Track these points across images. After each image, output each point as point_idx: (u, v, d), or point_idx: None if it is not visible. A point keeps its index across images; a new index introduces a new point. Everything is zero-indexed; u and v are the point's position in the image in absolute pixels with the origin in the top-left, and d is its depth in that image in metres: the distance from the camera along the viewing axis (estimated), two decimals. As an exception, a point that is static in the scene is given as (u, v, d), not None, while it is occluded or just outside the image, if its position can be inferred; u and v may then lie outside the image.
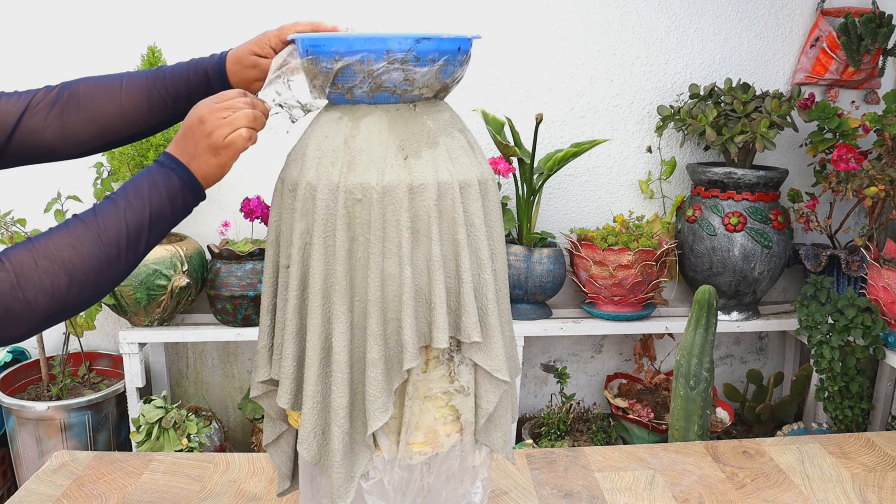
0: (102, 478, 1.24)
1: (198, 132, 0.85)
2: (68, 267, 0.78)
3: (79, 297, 0.79)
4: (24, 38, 2.02)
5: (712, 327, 1.69)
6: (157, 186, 0.84)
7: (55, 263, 0.77)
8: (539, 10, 2.12)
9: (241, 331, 1.98)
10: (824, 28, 2.16)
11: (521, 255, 1.99)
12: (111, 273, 0.81)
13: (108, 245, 0.80)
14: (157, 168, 0.86)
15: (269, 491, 1.22)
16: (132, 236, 0.82)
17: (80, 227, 0.80)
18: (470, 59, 0.87)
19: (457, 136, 0.87)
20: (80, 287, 0.79)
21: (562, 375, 2.18)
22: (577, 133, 2.21)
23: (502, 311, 0.90)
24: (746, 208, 2.03)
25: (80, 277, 0.78)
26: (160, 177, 0.85)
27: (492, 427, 0.91)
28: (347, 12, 2.06)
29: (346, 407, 0.83)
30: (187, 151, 0.86)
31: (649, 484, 1.25)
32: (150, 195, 0.83)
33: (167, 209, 0.85)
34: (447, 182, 0.82)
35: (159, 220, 0.84)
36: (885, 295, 1.86)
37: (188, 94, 1.01)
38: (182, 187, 0.85)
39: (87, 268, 0.79)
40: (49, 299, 0.77)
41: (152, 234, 0.84)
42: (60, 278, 0.77)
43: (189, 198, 0.86)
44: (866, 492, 1.23)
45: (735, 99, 2.00)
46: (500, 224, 0.90)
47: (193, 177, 0.86)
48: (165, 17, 2.03)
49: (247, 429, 2.31)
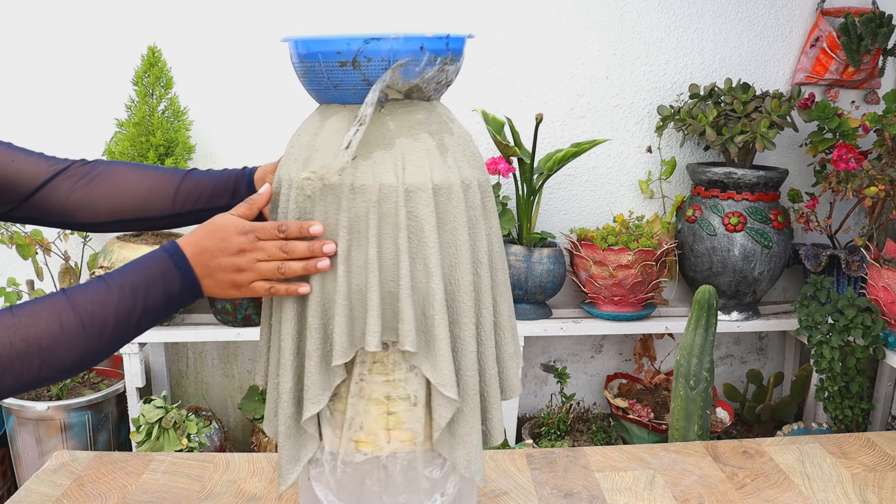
0: (102, 478, 1.24)
1: (225, 260, 0.83)
2: (43, 354, 0.76)
3: (46, 379, 0.78)
4: (25, 37, 2.02)
5: (712, 327, 1.69)
6: (156, 285, 0.82)
7: (31, 346, 0.76)
8: (539, 10, 2.13)
9: (241, 331, 1.98)
10: (824, 28, 2.16)
11: (521, 255, 1.99)
12: (86, 361, 0.80)
13: (90, 337, 0.78)
14: (164, 263, 0.83)
15: (269, 491, 1.22)
16: (119, 331, 0.80)
17: (67, 312, 0.78)
18: (454, 59, 0.84)
19: (423, 138, 0.84)
20: (51, 371, 0.78)
21: (562, 375, 2.18)
22: (577, 133, 2.21)
23: (483, 323, 0.87)
24: (746, 208, 2.03)
25: (52, 364, 0.77)
26: (163, 275, 0.82)
27: (455, 444, 0.87)
28: (348, 12, 2.06)
29: (289, 392, 0.86)
30: (205, 265, 0.83)
31: (649, 484, 1.25)
32: (146, 293, 0.81)
33: (160, 308, 0.83)
34: (391, 185, 0.81)
35: (150, 316, 0.82)
36: (885, 295, 1.86)
37: (212, 195, 1.02)
38: (182, 293, 0.83)
39: (62, 356, 0.77)
40: (16, 380, 0.76)
41: (139, 328, 0.82)
42: (32, 362, 0.76)
43: (186, 301, 0.85)
44: (866, 492, 1.23)
45: (735, 99, 2.00)
46: (473, 231, 0.86)
47: (199, 289, 0.84)
48: (165, 17, 2.03)
49: (247, 429, 2.31)
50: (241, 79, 2.08)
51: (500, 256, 0.92)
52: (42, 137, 2.07)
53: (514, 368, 0.93)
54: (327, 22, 2.05)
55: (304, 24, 2.05)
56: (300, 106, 0.92)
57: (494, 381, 0.89)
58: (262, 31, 2.05)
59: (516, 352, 0.95)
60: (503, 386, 0.93)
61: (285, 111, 2.04)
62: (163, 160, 1.92)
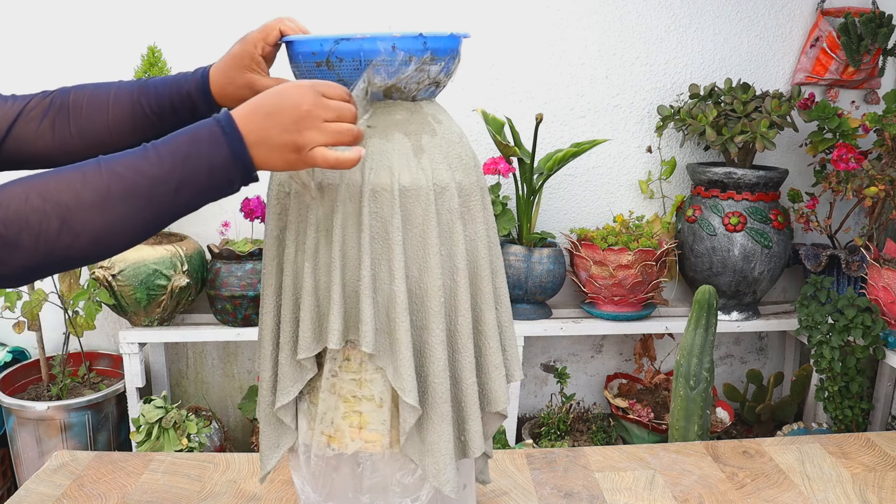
0: (102, 478, 1.24)
1: (286, 117, 0.72)
2: (61, 209, 0.67)
3: (71, 247, 0.69)
4: (25, 37, 2.02)
5: (712, 327, 1.69)
6: (199, 149, 0.71)
7: (47, 203, 0.67)
8: (539, 10, 2.12)
9: (241, 331, 1.98)
10: (824, 28, 2.16)
11: (521, 255, 1.99)
12: (116, 230, 0.70)
13: (117, 199, 0.69)
14: (209, 127, 0.72)
15: (269, 491, 1.22)
16: (151, 199, 0.70)
17: (92, 170, 0.69)
18: (436, 59, 0.83)
19: (396, 138, 0.83)
20: (74, 236, 0.68)
21: (562, 375, 2.18)
22: (577, 133, 2.21)
23: (458, 331, 0.85)
24: (746, 208, 2.03)
25: (74, 225, 0.68)
26: (207, 140, 0.72)
27: (424, 451, 0.86)
28: (349, 12, 2.06)
29: (268, 380, 0.90)
30: (259, 130, 0.72)
31: (649, 484, 1.25)
32: (186, 158, 0.71)
33: (203, 179, 0.72)
34: (355, 184, 0.81)
35: (191, 188, 0.72)
36: (885, 295, 1.86)
37: (173, 113, 0.92)
38: (229, 163, 0.72)
39: (84, 218, 0.68)
40: (35, 241, 0.67)
41: (179, 198, 0.72)
42: (51, 220, 0.67)
43: (235, 176, 0.73)
44: (866, 492, 1.23)
45: (735, 99, 2.00)
46: (448, 235, 0.84)
47: (249, 159, 0.73)
48: (165, 17, 2.03)
49: (247, 429, 2.31)
50: (241, 79, 2.07)
51: (488, 264, 0.89)
52: (42, 137, 2.07)
53: (499, 380, 0.90)
54: (328, 22, 2.05)
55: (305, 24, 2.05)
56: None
57: (473, 391, 0.87)
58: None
59: (505, 363, 0.92)
60: (486, 398, 0.90)
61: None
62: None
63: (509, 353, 0.94)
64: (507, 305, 0.94)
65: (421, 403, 0.85)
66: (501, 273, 0.93)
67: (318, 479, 0.91)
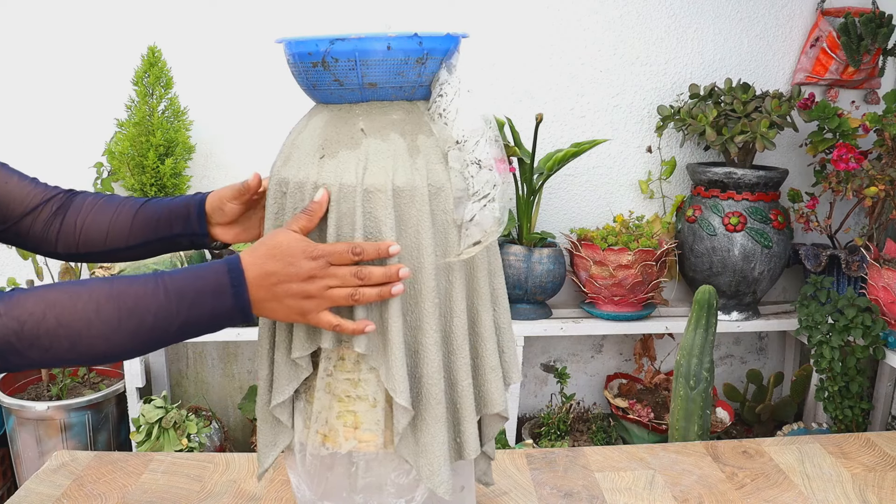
0: (102, 478, 1.24)
1: (294, 287, 0.78)
2: (73, 337, 0.75)
3: (72, 361, 0.77)
4: (25, 37, 2.02)
5: (712, 327, 1.69)
6: (205, 298, 0.78)
7: (62, 328, 0.74)
8: (539, 10, 2.13)
9: (241, 331, 1.98)
10: (824, 28, 2.16)
11: (521, 255, 1.99)
12: (115, 354, 0.77)
13: (124, 331, 0.76)
14: (220, 279, 0.78)
15: (269, 491, 1.22)
16: (155, 334, 0.77)
17: (107, 301, 0.76)
18: (428, 59, 0.82)
19: (392, 138, 0.83)
20: (78, 356, 0.76)
21: (562, 375, 2.18)
22: (577, 133, 2.21)
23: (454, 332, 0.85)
24: (746, 208, 2.03)
25: (81, 350, 0.76)
26: (215, 291, 0.78)
27: (419, 452, 0.86)
28: (349, 12, 2.06)
29: (265, 379, 0.90)
30: (270, 290, 0.79)
31: (649, 484, 1.25)
32: (192, 304, 0.77)
33: (205, 322, 0.79)
34: (350, 185, 0.81)
35: (192, 328, 0.79)
36: (885, 295, 1.86)
37: (165, 223, 1.00)
38: (231, 313, 0.79)
39: (92, 343, 0.75)
40: (42, 356, 0.75)
41: (178, 337, 0.79)
42: (62, 343, 0.75)
43: (234, 322, 0.80)
44: (866, 492, 1.23)
45: (735, 99, 2.00)
46: (443, 236, 0.84)
47: (250, 312, 0.80)
48: (165, 17, 2.03)
49: (247, 429, 2.31)
50: (241, 79, 2.08)
51: (486, 264, 0.89)
52: (42, 137, 2.07)
53: (496, 382, 0.89)
54: (328, 22, 2.05)
55: (305, 24, 2.05)
56: (299, 106, 0.92)
57: (468, 393, 0.87)
58: (261, 32, 2.05)
59: (502, 365, 0.92)
60: (483, 400, 0.90)
61: (285, 111, 2.04)
62: (163, 160, 1.92)
63: (507, 355, 0.93)
64: (505, 307, 0.93)
65: (415, 404, 0.85)
66: (500, 274, 0.92)
67: (313, 478, 0.91)
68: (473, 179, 0.82)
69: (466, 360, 0.87)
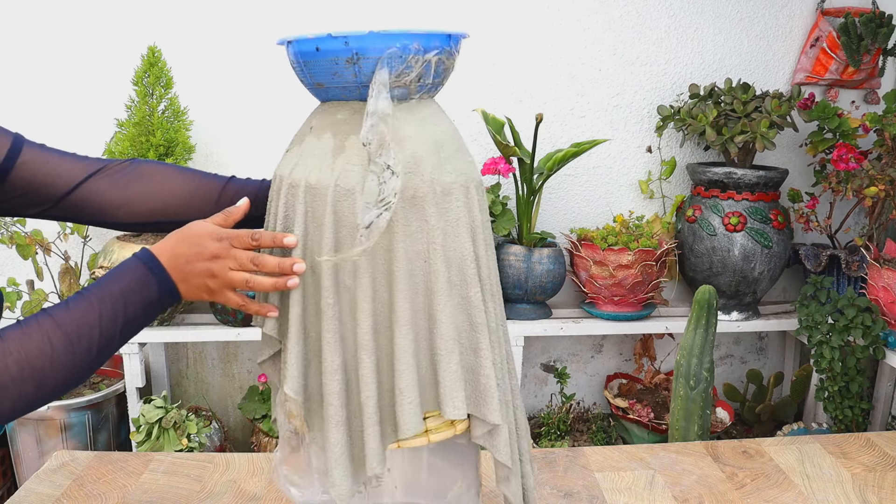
0: (102, 478, 1.24)
1: (200, 265, 0.84)
2: (38, 376, 0.76)
3: (43, 400, 0.79)
4: (25, 37, 2.02)
5: (712, 327, 1.69)
6: (134, 294, 0.82)
7: (25, 370, 0.76)
8: (539, 10, 2.13)
9: (241, 331, 1.98)
10: (824, 28, 2.16)
11: (521, 255, 1.99)
12: (78, 378, 0.80)
13: (80, 353, 0.79)
14: (140, 272, 0.83)
15: (269, 491, 1.22)
16: (104, 344, 0.81)
17: (55, 332, 0.78)
18: (360, 59, 0.80)
19: (325, 138, 0.85)
20: (47, 392, 0.78)
21: (562, 375, 2.18)
22: (577, 133, 2.21)
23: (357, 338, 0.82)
24: (746, 208, 2.03)
25: (48, 385, 0.77)
26: (140, 284, 0.83)
27: (324, 448, 0.85)
28: (349, 12, 2.06)
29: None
30: (180, 270, 0.84)
31: (649, 484, 1.25)
32: (126, 302, 0.82)
33: (140, 316, 0.83)
34: (283, 178, 0.86)
35: (132, 325, 0.83)
36: (885, 295, 1.86)
37: (254, 202, 0.99)
38: (160, 298, 0.84)
39: (56, 376, 0.78)
40: (13, 405, 0.76)
41: (123, 338, 0.83)
42: (28, 386, 0.76)
43: (165, 306, 0.85)
44: (866, 492, 1.23)
45: (735, 99, 2.00)
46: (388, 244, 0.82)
47: (177, 293, 0.85)
48: (165, 17, 2.03)
49: (247, 429, 2.31)
50: (241, 79, 2.08)
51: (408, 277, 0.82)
52: (43, 137, 2.06)
53: (404, 406, 0.82)
54: (328, 22, 2.05)
55: (305, 23, 2.05)
56: (299, 106, 0.93)
57: (370, 405, 0.82)
58: (261, 32, 2.05)
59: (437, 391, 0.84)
60: (391, 420, 0.84)
61: (285, 111, 2.04)
62: (163, 160, 1.92)
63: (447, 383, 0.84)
64: (444, 333, 0.83)
65: (315, 400, 0.86)
66: (441, 294, 0.83)
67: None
68: (384, 185, 0.80)
69: (368, 371, 0.82)
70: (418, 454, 0.95)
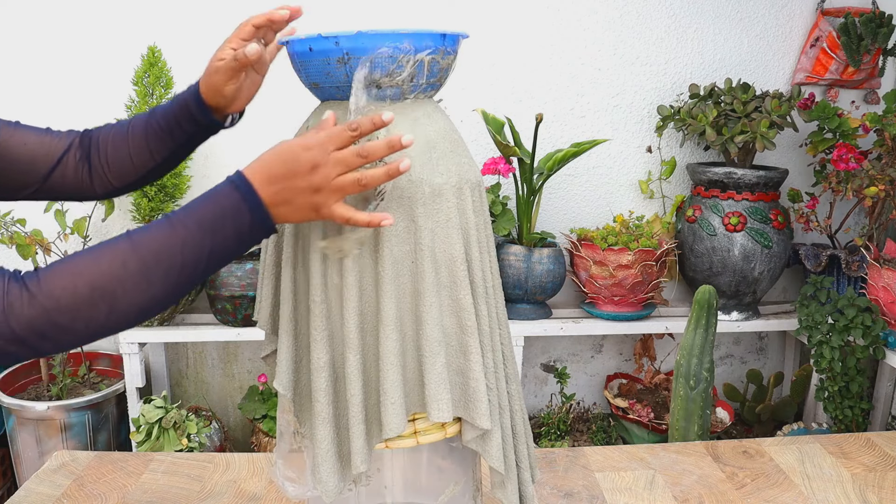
0: (102, 478, 1.24)
1: (301, 182, 0.75)
2: (109, 298, 0.72)
3: (118, 324, 0.75)
4: (25, 37, 2.02)
5: (712, 327, 1.69)
6: (225, 221, 0.75)
7: (95, 292, 0.72)
8: (539, 10, 2.13)
9: (241, 331, 1.98)
10: (824, 28, 2.16)
11: (521, 254, 1.99)
12: (156, 304, 0.75)
13: (156, 279, 0.74)
14: (231, 197, 0.76)
15: (269, 491, 1.22)
16: (186, 271, 0.75)
17: (130, 255, 0.73)
18: (350, 59, 0.80)
19: None
20: (121, 316, 0.74)
21: (562, 375, 2.18)
22: (577, 133, 2.21)
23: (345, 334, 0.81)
24: (746, 208, 2.03)
25: (121, 308, 0.73)
26: (232, 211, 0.76)
27: (312, 444, 0.85)
28: (348, 12, 2.06)
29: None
30: (278, 194, 0.76)
31: (649, 484, 1.25)
32: (214, 230, 0.75)
33: (231, 246, 0.77)
34: None
35: (220, 255, 0.77)
36: (885, 295, 1.86)
37: (178, 126, 0.98)
38: (252, 228, 0.77)
39: (129, 300, 0.73)
40: (87, 326, 0.73)
41: (209, 268, 0.77)
42: (100, 308, 0.72)
43: (258, 237, 0.78)
44: (866, 492, 1.23)
45: (735, 99, 2.00)
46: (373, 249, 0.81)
47: (270, 222, 0.77)
48: (165, 17, 2.03)
49: (247, 429, 2.31)
50: (241, 79, 2.08)
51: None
52: (42, 137, 2.07)
53: (390, 407, 0.81)
54: (329, 23, 2.05)
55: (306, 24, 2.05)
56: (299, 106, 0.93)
57: (355, 403, 0.82)
58: (262, 31, 2.05)
59: (424, 393, 0.83)
60: (375, 419, 0.84)
61: (285, 111, 2.04)
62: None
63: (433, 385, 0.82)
64: (430, 334, 0.82)
65: (304, 395, 0.88)
66: (428, 295, 0.82)
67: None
68: None
69: (354, 369, 0.81)
70: (418, 454, 0.95)
